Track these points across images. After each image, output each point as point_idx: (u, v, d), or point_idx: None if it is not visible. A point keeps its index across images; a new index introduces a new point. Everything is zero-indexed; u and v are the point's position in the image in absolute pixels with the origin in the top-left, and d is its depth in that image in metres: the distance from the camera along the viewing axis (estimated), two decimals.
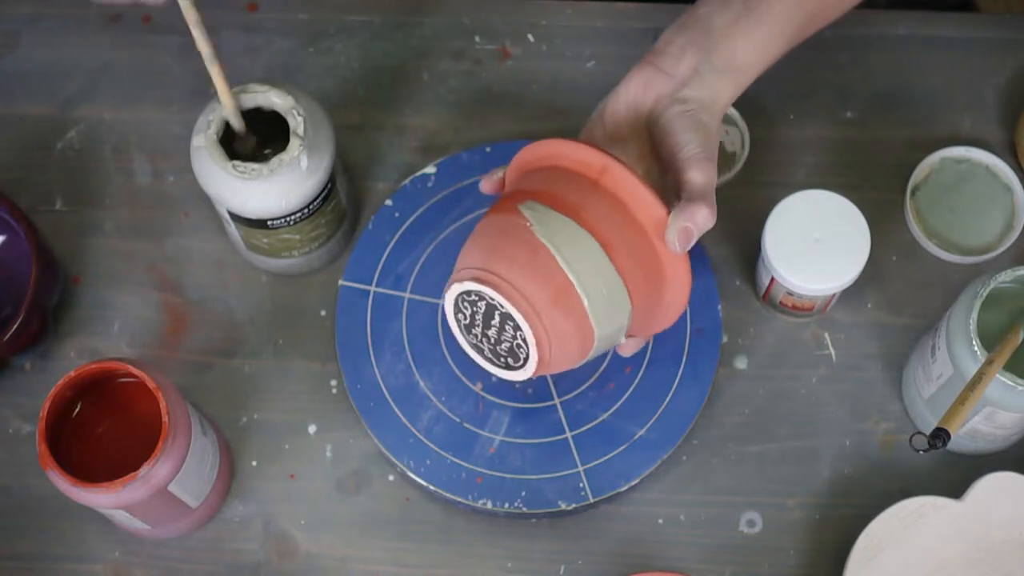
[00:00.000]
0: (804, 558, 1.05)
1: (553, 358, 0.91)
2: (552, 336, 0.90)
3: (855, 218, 1.05)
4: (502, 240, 0.90)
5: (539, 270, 0.88)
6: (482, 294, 0.89)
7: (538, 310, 0.89)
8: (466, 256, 0.92)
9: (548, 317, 0.89)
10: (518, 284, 0.88)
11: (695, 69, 0.94)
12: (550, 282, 0.88)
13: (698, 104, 0.93)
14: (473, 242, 0.92)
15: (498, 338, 0.92)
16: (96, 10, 1.18)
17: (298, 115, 1.00)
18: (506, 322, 0.90)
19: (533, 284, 0.88)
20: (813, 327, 1.10)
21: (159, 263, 1.12)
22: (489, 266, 0.89)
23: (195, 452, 0.98)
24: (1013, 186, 1.12)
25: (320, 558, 1.06)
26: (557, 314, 0.89)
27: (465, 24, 1.19)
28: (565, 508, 1.03)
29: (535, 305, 0.89)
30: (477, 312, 0.91)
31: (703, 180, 0.91)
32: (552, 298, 0.89)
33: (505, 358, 0.93)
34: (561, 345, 0.90)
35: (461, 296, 0.91)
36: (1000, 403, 0.97)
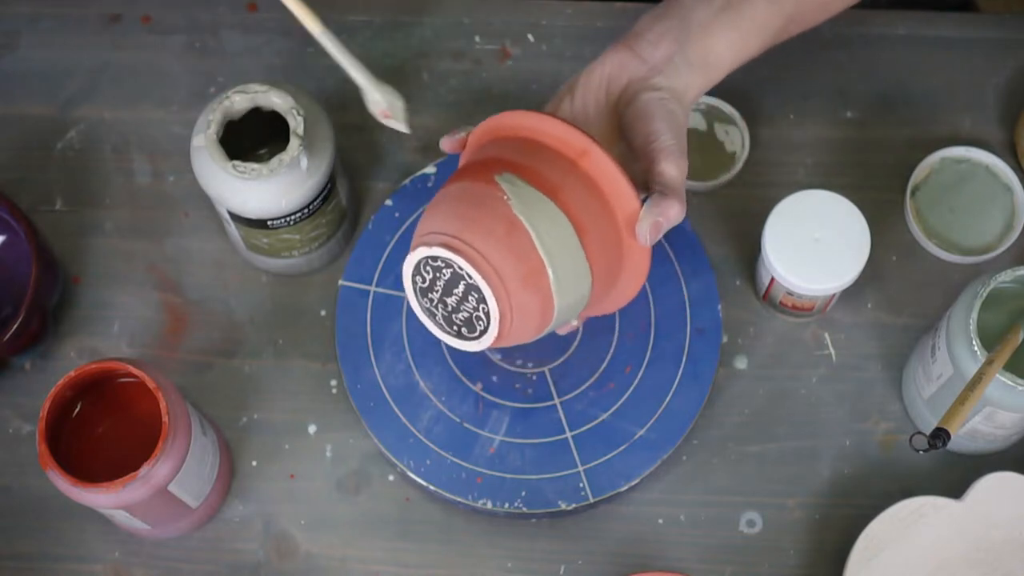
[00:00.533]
0: (804, 558, 1.05)
1: (511, 333, 0.89)
2: (515, 313, 0.88)
3: (855, 218, 1.05)
4: (477, 211, 0.88)
5: (514, 248, 0.87)
6: (451, 262, 0.87)
7: (508, 288, 0.87)
8: (434, 219, 0.89)
9: (516, 295, 0.88)
10: (492, 259, 0.87)
11: (670, 59, 0.94)
12: (524, 261, 0.87)
13: (671, 94, 0.93)
14: (443, 206, 0.89)
15: (456, 307, 0.90)
16: (96, 10, 1.19)
17: (298, 115, 1.00)
18: (470, 293, 0.88)
19: (507, 261, 0.87)
20: (813, 327, 1.10)
21: (159, 263, 1.12)
22: (462, 235, 0.87)
23: (195, 452, 0.98)
24: (1013, 186, 1.12)
25: (320, 558, 1.06)
26: (525, 293, 0.88)
27: (465, 24, 1.19)
28: (565, 508, 1.03)
29: (506, 282, 0.87)
30: (439, 278, 0.89)
31: (676, 174, 0.90)
32: (523, 277, 0.87)
33: (460, 327, 0.90)
34: (522, 322, 0.89)
35: (426, 260, 0.89)
36: (1000, 403, 0.97)
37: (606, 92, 0.94)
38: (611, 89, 0.94)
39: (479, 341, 0.90)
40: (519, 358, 1.06)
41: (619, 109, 0.94)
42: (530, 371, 1.06)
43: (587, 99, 0.94)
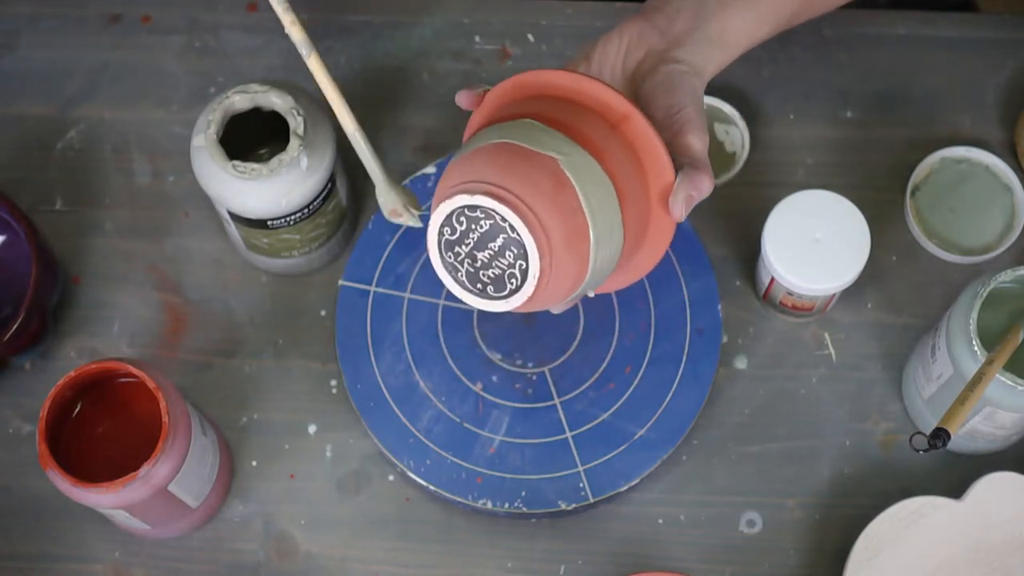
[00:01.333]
0: (804, 558, 1.05)
1: (543, 295, 0.85)
2: (553, 273, 0.84)
3: (855, 218, 1.05)
4: (525, 164, 0.83)
5: (561, 206, 0.83)
6: (493, 213, 0.82)
7: (552, 245, 0.83)
8: (473, 168, 0.84)
9: (558, 254, 0.83)
10: (540, 214, 0.82)
11: (689, 33, 0.93)
12: (569, 220, 0.83)
13: (691, 68, 0.92)
14: (483, 156, 0.84)
15: (488, 263, 0.85)
16: (96, 10, 1.19)
17: (298, 115, 1.00)
18: (509, 248, 0.83)
19: (554, 218, 0.83)
20: (813, 327, 1.10)
21: (159, 263, 1.12)
22: (509, 186, 0.82)
23: (195, 452, 0.98)
24: (1013, 186, 1.12)
25: (320, 558, 1.06)
26: (566, 253, 0.84)
27: (465, 24, 1.19)
28: (565, 508, 1.03)
29: (551, 239, 0.83)
30: (474, 230, 0.84)
31: (701, 146, 0.89)
32: (567, 236, 0.83)
33: (486, 286, 0.85)
34: (556, 284, 0.85)
35: (462, 209, 0.83)
36: (1000, 403, 0.97)
37: (623, 62, 0.93)
38: (628, 59, 0.93)
39: (507, 300, 0.85)
40: (519, 358, 1.06)
41: (636, 80, 0.92)
42: (530, 371, 1.06)
43: (603, 67, 0.93)
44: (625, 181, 0.86)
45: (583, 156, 0.84)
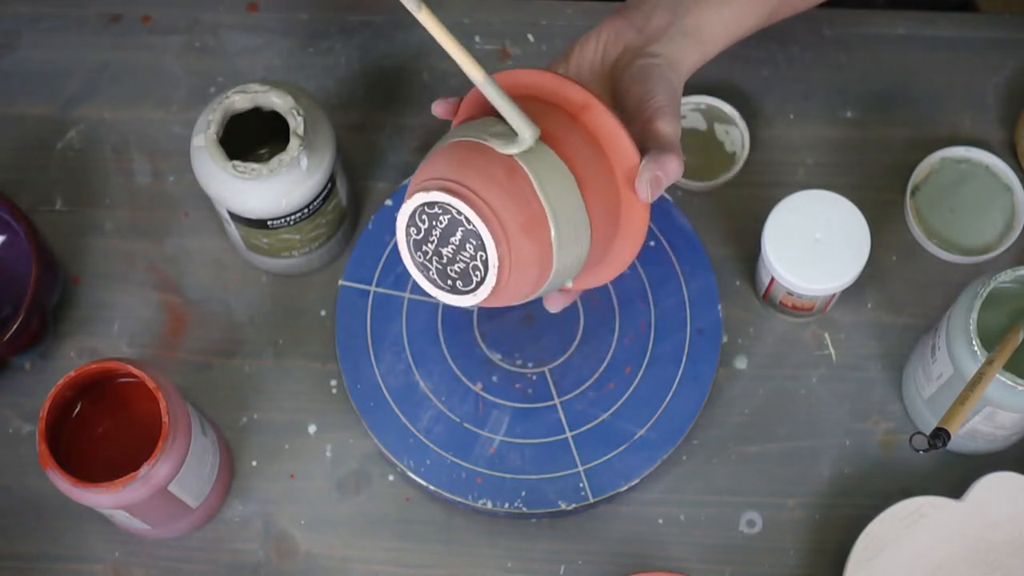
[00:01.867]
0: (804, 558, 1.05)
1: (509, 286, 0.86)
2: (514, 262, 0.85)
3: (855, 218, 1.05)
4: (476, 157, 0.85)
5: (515, 193, 0.84)
6: (449, 207, 0.84)
7: (508, 233, 0.84)
8: (431, 168, 0.85)
9: (515, 242, 0.84)
10: (492, 202, 0.84)
11: (665, 29, 0.94)
12: (524, 207, 0.84)
13: (665, 61, 0.93)
14: (440, 155, 0.86)
15: (452, 258, 0.86)
16: (96, 10, 1.19)
17: (298, 115, 1.00)
18: (468, 241, 0.85)
19: (507, 205, 0.84)
20: (813, 327, 1.10)
21: (159, 263, 1.12)
22: (461, 179, 0.84)
23: (195, 452, 0.98)
24: (1013, 186, 1.12)
25: (320, 558, 1.06)
26: (525, 241, 0.85)
27: (465, 24, 1.19)
28: (565, 508, 1.03)
29: (506, 227, 0.84)
30: (435, 227, 0.86)
31: (672, 131, 0.90)
32: (523, 224, 0.84)
33: (455, 281, 0.86)
34: (520, 274, 0.86)
35: (422, 208, 0.85)
36: (1000, 403, 0.97)
37: (601, 59, 0.94)
38: (606, 57, 0.94)
39: (475, 294, 0.86)
40: (519, 358, 1.06)
41: (614, 76, 0.94)
42: (530, 371, 1.06)
43: (582, 65, 0.94)
44: (586, 167, 0.86)
45: (538, 145, 0.85)
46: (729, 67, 1.17)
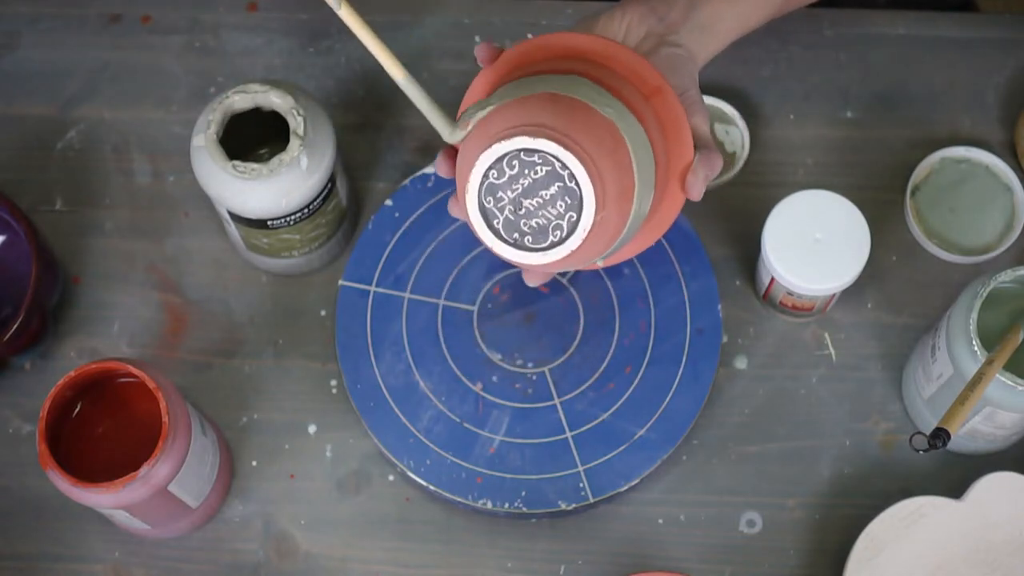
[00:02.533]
0: (804, 558, 1.05)
1: (584, 252, 0.84)
2: (599, 229, 0.83)
3: (855, 218, 1.05)
4: (584, 116, 0.83)
5: (619, 164, 0.83)
6: (554, 159, 0.81)
7: (607, 201, 0.83)
8: (528, 113, 0.83)
9: (608, 211, 0.83)
10: (601, 167, 0.82)
11: (682, 21, 0.95)
12: (621, 179, 0.83)
13: (687, 53, 0.94)
14: (537, 103, 0.83)
15: (534, 211, 0.83)
16: (96, 10, 1.19)
17: (298, 115, 1.00)
18: (562, 198, 0.82)
19: (612, 175, 0.82)
20: (813, 327, 1.10)
21: (159, 263, 1.12)
22: (575, 136, 0.82)
23: (195, 452, 0.98)
24: (1013, 186, 1.12)
25: (320, 558, 1.06)
26: (613, 211, 0.83)
27: (465, 24, 1.19)
28: (565, 508, 1.03)
29: (607, 195, 0.83)
30: (527, 175, 0.82)
31: (708, 129, 0.92)
32: (618, 195, 0.83)
33: (523, 236, 0.84)
34: (597, 240, 0.84)
35: (520, 152, 0.82)
36: (1000, 403, 0.97)
37: (623, 38, 0.95)
38: (628, 37, 0.95)
39: (546, 253, 0.84)
40: (519, 358, 1.06)
41: None
42: (530, 371, 1.06)
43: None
44: (658, 150, 0.87)
45: (632, 119, 0.85)
46: (729, 67, 1.17)
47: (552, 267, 0.86)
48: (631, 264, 1.07)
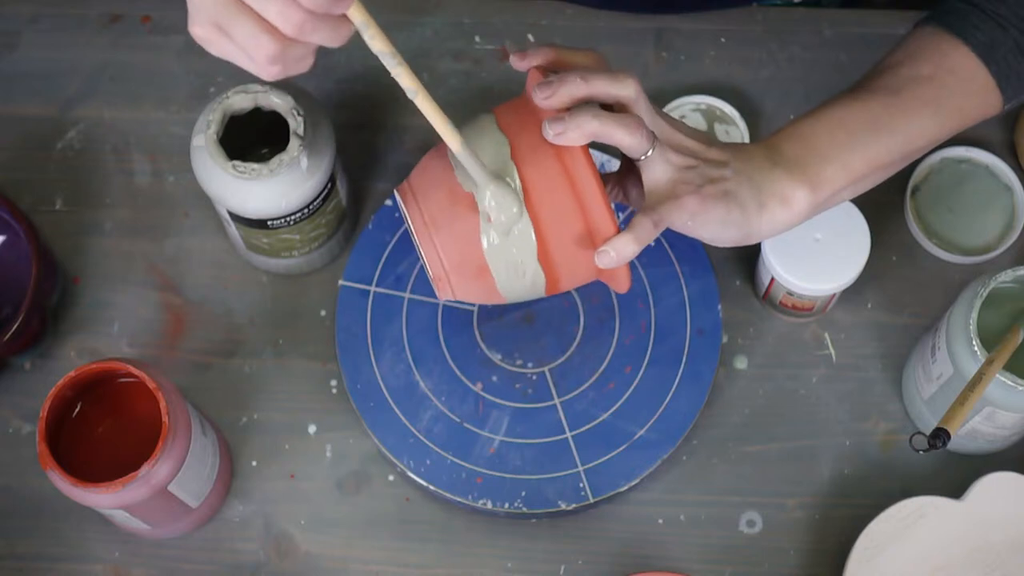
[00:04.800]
0: (804, 558, 1.05)
1: (455, 291, 0.92)
2: (443, 288, 0.92)
3: (855, 218, 1.05)
4: (439, 182, 0.90)
5: (458, 236, 0.89)
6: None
7: (447, 273, 0.90)
8: (426, 161, 0.93)
9: (451, 275, 0.91)
10: (436, 239, 0.90)
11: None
12: (463, 250, 0.89)
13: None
14: (431, 158, 0.93)
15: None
16: (96, 10, 1.19)
17: (298, 115, 1.00)
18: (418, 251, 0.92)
19: (452, 245, 0.89)
20: (813, 327, 1.10)
21: (159, 263, 1.12)
22: (421, 203, 0.90)
23: (195, 452, 0.98)
24: (1013, 186, 1.12)
25: (320, 558, 1.06)
26: (459, 277, 0.91)
27: (465, 24, 1.19)
28: (565, 508, 1.03)
29: (445, 266, 0.90)
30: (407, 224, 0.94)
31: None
32: (458, 264, 0.90)
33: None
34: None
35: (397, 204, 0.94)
36: (1000, 403, 0.97)
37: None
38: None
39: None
40: (519, 358, 1.06)
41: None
42: (530, 371, 1.06)
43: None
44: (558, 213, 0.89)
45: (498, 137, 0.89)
46: (729, 67, 1.17)
47: (448, 292, 0.92)
48: (631, 264, 1.07)
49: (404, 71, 0.88)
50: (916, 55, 0.96)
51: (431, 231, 0.90)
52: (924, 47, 0.96)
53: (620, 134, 0.87)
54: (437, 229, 0.89)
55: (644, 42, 1.17)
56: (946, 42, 0.95)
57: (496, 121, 0.90)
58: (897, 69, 0.96)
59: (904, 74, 0.95)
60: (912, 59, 0.96)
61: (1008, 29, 0.94)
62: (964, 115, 0.96)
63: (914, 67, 0.95)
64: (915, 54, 0.96)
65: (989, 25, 0.94)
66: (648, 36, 1.17)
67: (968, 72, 0.95)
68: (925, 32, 0.97)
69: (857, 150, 0.93)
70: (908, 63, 0.96)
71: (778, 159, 0.92)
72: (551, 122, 0.87)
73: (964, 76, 0.95)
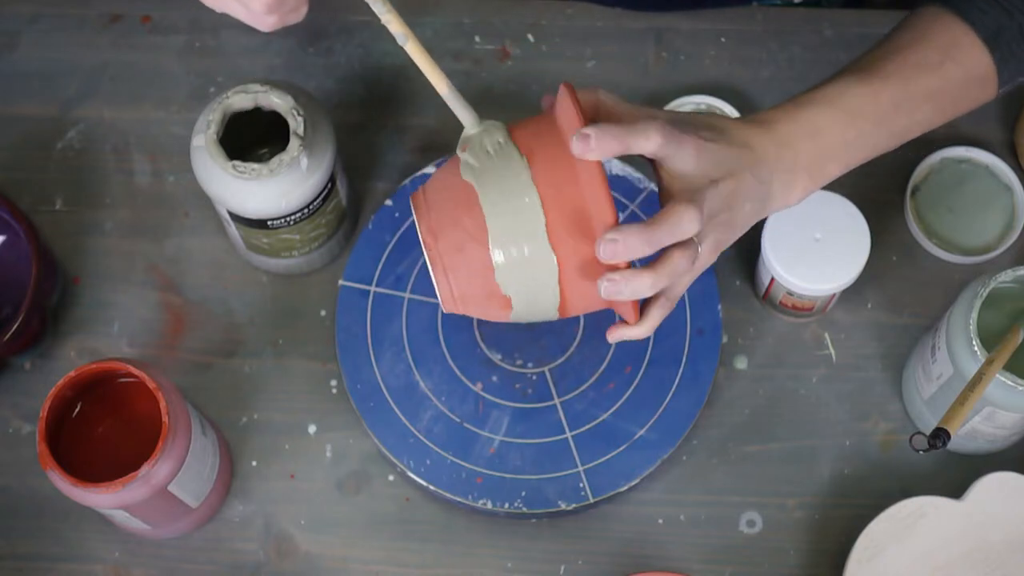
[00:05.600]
0: (804, 558, 1.05)
1: (456, 283, 0.89)
2: (449, 304, 0.90)
3: (855, 218, 1.05)
4: (458, 200, 0.88)
5: (469, 266, 0.88)
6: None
7: (453, 297, 0.89)
8: (442, 171, 0.91)
9: (461, 293, 0.89)
10: (447, 264, 0.88)
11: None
12: (472, 280, 0.88)
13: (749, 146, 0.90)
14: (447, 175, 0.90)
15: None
16: (96, 10, 1.19)
17: (298, 115, 1.00)
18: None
19: (460, 273, 0.88)
20: (813, 327, 1.10)
21: (159, 263, 1.12)
22: (434, 224, 0.88)
23: (195, 452, 0.98)
24: (1013, 186, 1.12)
25: (320, 558, 1.06)
26: (469, 292, 0.89)
27: (465, 24, 1.19)
28: (565, 508, 1.03)
29: (453, 291, 0.89)
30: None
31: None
32: (463, 295, 0.89)
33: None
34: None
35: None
36: (1000, 403, 0.97)
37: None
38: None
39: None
40: (519, 358, 1.06)
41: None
42: (530, 371, 1.06)
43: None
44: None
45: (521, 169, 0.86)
46: (729, 67, 1.17)
47: (453, 306, 0.91)
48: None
49: (394, 17, 0.89)
50: (924, 39, 0.95)
51: (445, 267, 0.88)
52: (932, 31, 0.95)
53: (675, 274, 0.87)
54: (453, 269, 0.88)
55: (644, 42, 1.17)
56: (954, 26, 0.95)
57: (531, 176, 0.87)
58: (906, 53, 0.94)
59: (913, 60, 0.94)
60: (920, 43, 0.95)
61: (1013, 14, 0.94)
62: (961, 106, 0.96)
63: (922, 52, 0.94)
64: (923, 38, 0.95)
65: (996, 10, 0.94)
66: (648, 36, 1.18)
67: (973, 61, 0.95)
68: (932, 12, 0.96)
69: (863, 148, 0.93)
70: (916, 47, 0.95)
71: (786, 152, 0.91)
72: (608, 283, 0.85)
73: (969, 65, 0.95)
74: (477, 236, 0.86)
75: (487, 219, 0.86)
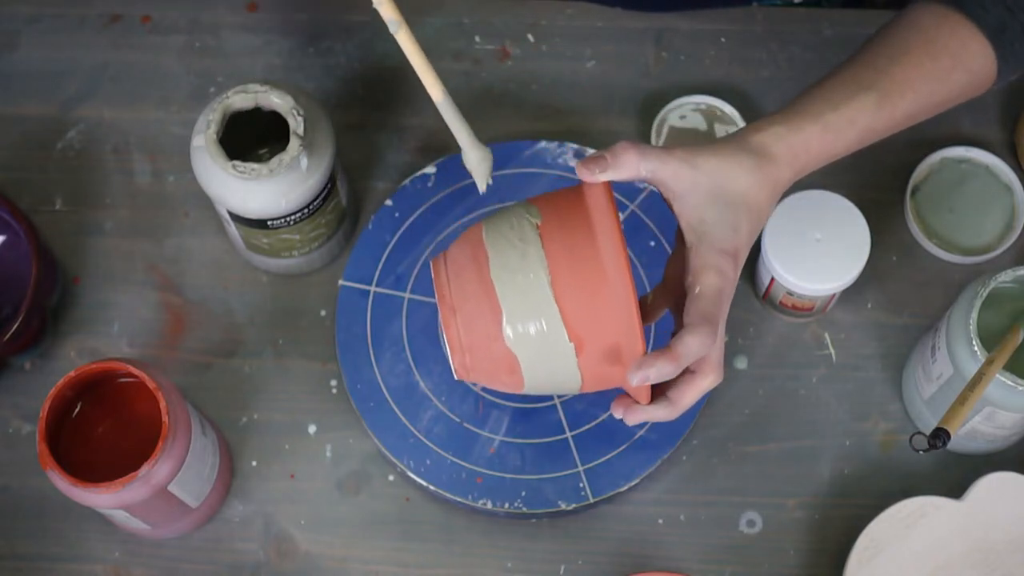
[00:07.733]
0: (804, 558, 1.05)
1: (467, 344, 0.89)
2: (463, 373, 0.90)
3: (855, 218, 1.05)
4: (471, 276, 0.88)
5: (489, 336, 0.88)
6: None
7: (467, 369, 0.90)
8: (459, 244, 0.91)
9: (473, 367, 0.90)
10: (460, 327, 0.88)
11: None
12: (490, 348, 0.88)
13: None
14: (466, 245, 0.90)
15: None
16: (96, 10, 1.19)
17: (298, 115, 1.00)
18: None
19: (479, 351, 0.89)
20: (813, 327, 1.10)
21: (159, 263, 1.12)
22: (453, 299, 0.88)
23: (195, 452, 0.98)
24: (1013, 186, 1.12)
25: (320, 558, 1.06)
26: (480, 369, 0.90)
27: (465, 24, 1.19)
28: (565, 508, 1.03)
29: (466, 362, 0.90)
30: None
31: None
32: (480, 368, 0.90)
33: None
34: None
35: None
36: (1000, 403, 0.97)
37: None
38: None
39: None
40: None
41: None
42: None
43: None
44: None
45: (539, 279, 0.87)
46: (729, 67, 1.17)
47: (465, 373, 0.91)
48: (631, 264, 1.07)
49: (386, 1, 0.88)
50: (934, 42, 0.94)
51: (463, 346, 0.89)
52: (940, 33, 0.94)
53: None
54: (471, 349, 0.89)
55: (644, 42, 1.17)
56: (961, 28, 0.94)
57: (541, 242, 0.87)
58: (919, 59, 0.93)
59: (927, 70, 0.93)
60: (930, 47, 0.94)
61: (1016, 12, 0.94)
62: (955, 103, 0.97)
63: (934, 57, 0.93)
64: (933, 40, 0.94)
65: (999, 8, 0.94)
66: (648, 36, 1.17)
67: (979, 64, 0.94)
68: (936, 11, 0.95)
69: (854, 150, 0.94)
70: (927, 50, 0.94)
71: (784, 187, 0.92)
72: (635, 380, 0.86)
73: (975, 69, 0.95)
74: (494, 334, 0.88)
75: (504, 322, 0.87)
